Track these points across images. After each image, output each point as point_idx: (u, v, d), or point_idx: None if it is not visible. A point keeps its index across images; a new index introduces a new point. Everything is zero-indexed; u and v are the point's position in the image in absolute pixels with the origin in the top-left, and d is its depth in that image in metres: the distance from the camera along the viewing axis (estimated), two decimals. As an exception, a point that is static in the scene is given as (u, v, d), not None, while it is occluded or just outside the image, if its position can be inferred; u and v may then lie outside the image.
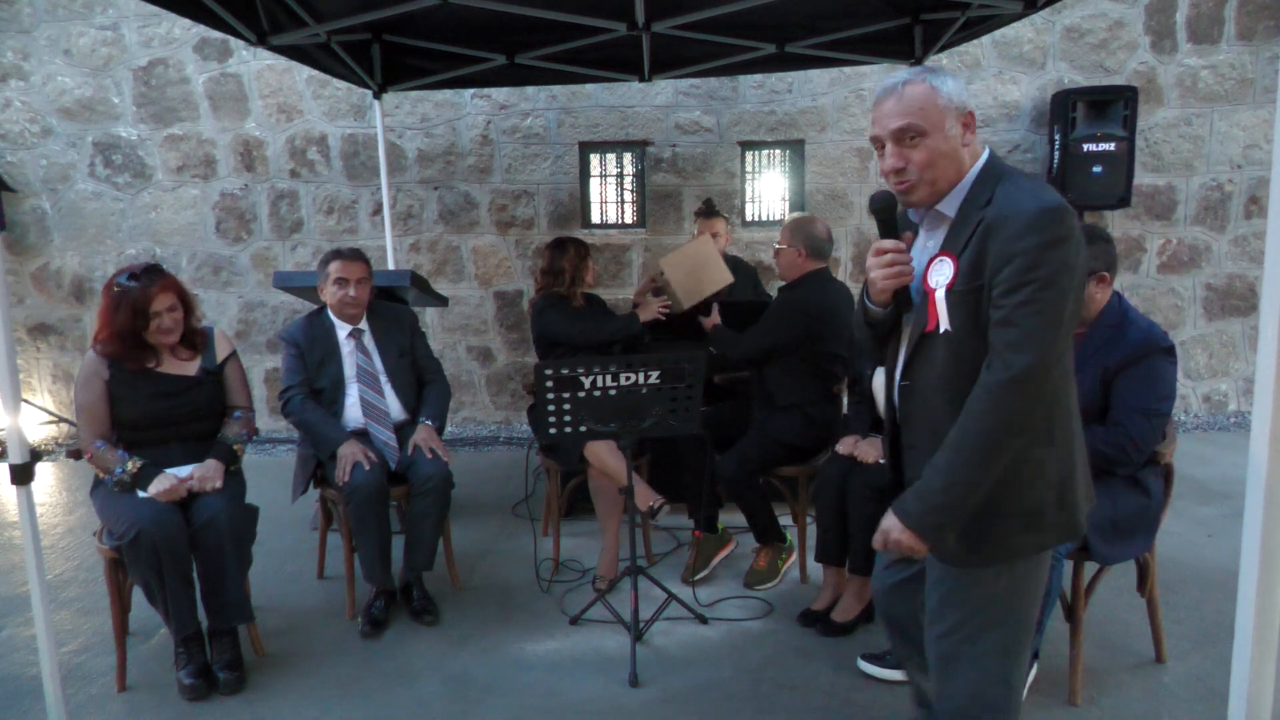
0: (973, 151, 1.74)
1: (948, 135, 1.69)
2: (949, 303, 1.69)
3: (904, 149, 1.71)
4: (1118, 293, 2.70)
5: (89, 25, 5.84)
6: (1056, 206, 1.60)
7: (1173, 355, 2.60)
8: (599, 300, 4.21)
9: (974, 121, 1.73)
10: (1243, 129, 5.81)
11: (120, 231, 6.06)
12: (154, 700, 2.85)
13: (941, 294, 1.69)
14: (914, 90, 1.69)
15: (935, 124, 1.69)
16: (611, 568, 3.59)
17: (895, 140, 1.71)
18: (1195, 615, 3.23)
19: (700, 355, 3.00)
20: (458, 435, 6.10)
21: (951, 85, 1.70)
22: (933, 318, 1.72)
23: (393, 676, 2.98)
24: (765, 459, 3.50)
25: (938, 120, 1.68)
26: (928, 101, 1.68)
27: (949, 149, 1.70)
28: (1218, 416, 6.13)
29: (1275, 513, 1.65)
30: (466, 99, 5.88)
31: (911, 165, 1.71)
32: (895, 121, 1.70)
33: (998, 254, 1.62)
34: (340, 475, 3.20)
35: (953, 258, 1.69)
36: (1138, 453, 2.55)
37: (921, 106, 1.68)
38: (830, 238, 3.50)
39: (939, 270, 1.71)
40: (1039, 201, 1.61)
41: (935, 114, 1.68)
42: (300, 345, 3.46)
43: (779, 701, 2.77)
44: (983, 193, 1.69)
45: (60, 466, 5.76)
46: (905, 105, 1.69)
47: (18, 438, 2.30)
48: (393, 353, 3.56)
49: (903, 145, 1.71)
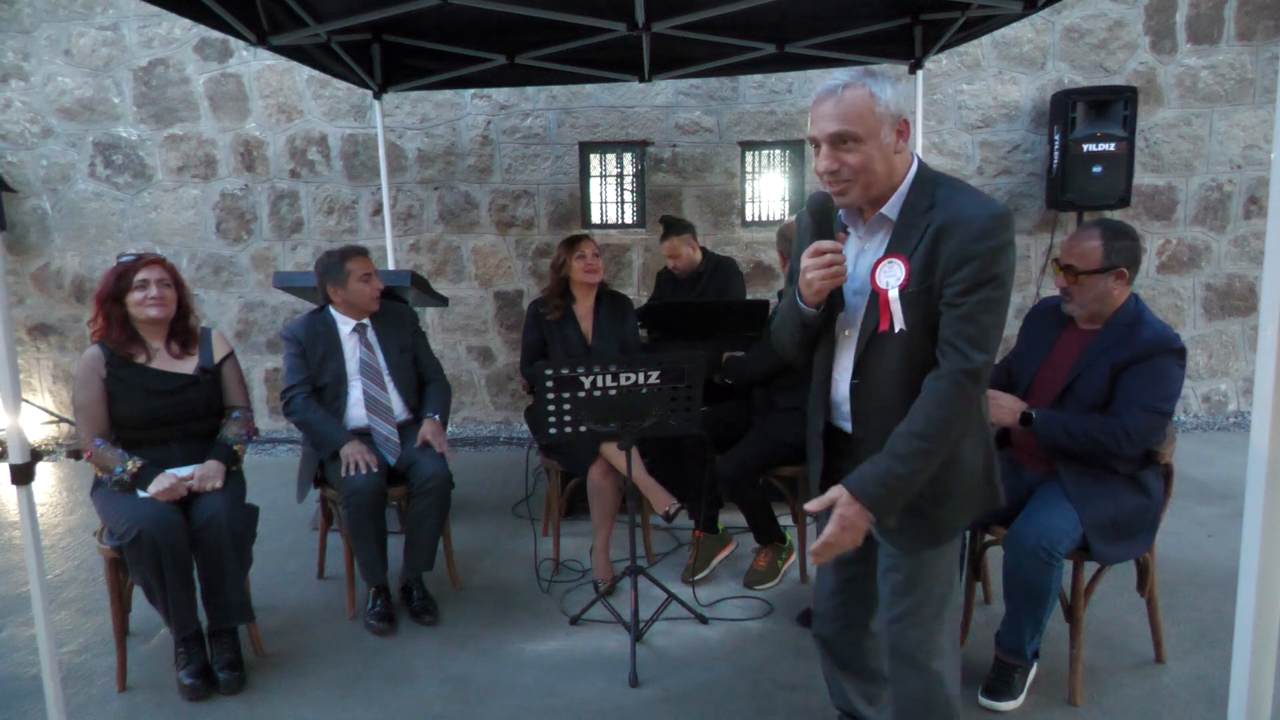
0: (904, 159, 1.81)
1: (881, 143, 1.75)
2: (903, 303, 1.77)
3: (838, 152, 1.76)
4: (1135, 294, 2.69)
5: (89, 25, 5.84)
6: (1004, 213, 1.73)
7: (1183, 358, 2.59)
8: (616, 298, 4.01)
9: (908, 130, 1.79)
10: (1243, 129, 5.81)
11: (120, 231, 6.06)
12: (154, 700, 2.85)
13: (894, 294, 1.77)
14: (852, 95, 1.73)
15: (870, 130, 1.74)
16: (605, 569, 3.60)
17: (830, 144, 1.76)
18: (1195, 615, 3.23)
19: (700, 355, 3.00)
20: (458, 435, 6.10)
21: (890, 93, 1.75)
22: (885, 318, 1.80)
23: (393, 676, 2.98)
24: (765, 459, 3.50)
25: (873, 127, 1.74)
26: (865, 108, 1.73)
27: (881, 156, 1.76)
28: (1218, 416, 6.13)
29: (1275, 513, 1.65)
30: (466, 99, 5.88)
31: (845, 168, 1.76)
32: (831, 125, 1.75)
33: (951, 255, 1.72)
34: (345, 472, 3.21)
35: (903, 259, 1.77)
36: (1130, 444, 2.54)
37: (859, 113, 1.73)
38: None
39: (888, 272, 1.79)
40: (988, 208, 1.72)
41: (871, 121, 1.74)
42: (302, 343, 3.46)
43: (779, 701, 2.77)
44: (922, 198, 1.78)
45: (60, 466, 5.76)
46: (842, 110, 1.73)
47: (18, 438, 2.30)
48: (395, 349, 3.58)
49: (837, 149, 1.76)
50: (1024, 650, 2.66)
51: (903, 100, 1.78)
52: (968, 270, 1.71)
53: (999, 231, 1.71)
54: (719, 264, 4.73)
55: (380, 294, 3.54)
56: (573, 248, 3.83)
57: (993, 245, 1.70)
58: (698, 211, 5.99)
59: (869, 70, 1.78)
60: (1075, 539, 2.56)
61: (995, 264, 1.70)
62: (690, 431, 3.13)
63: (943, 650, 1.97)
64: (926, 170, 1.83)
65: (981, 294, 1.71)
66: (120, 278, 2.93)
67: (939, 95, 5.81)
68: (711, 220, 6.02)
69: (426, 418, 3.49)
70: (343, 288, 3.48)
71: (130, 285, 2.93)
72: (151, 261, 2.97)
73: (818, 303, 1.86)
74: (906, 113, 1.79)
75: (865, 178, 1.77)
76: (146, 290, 2.93)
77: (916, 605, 1.94)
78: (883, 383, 1.85)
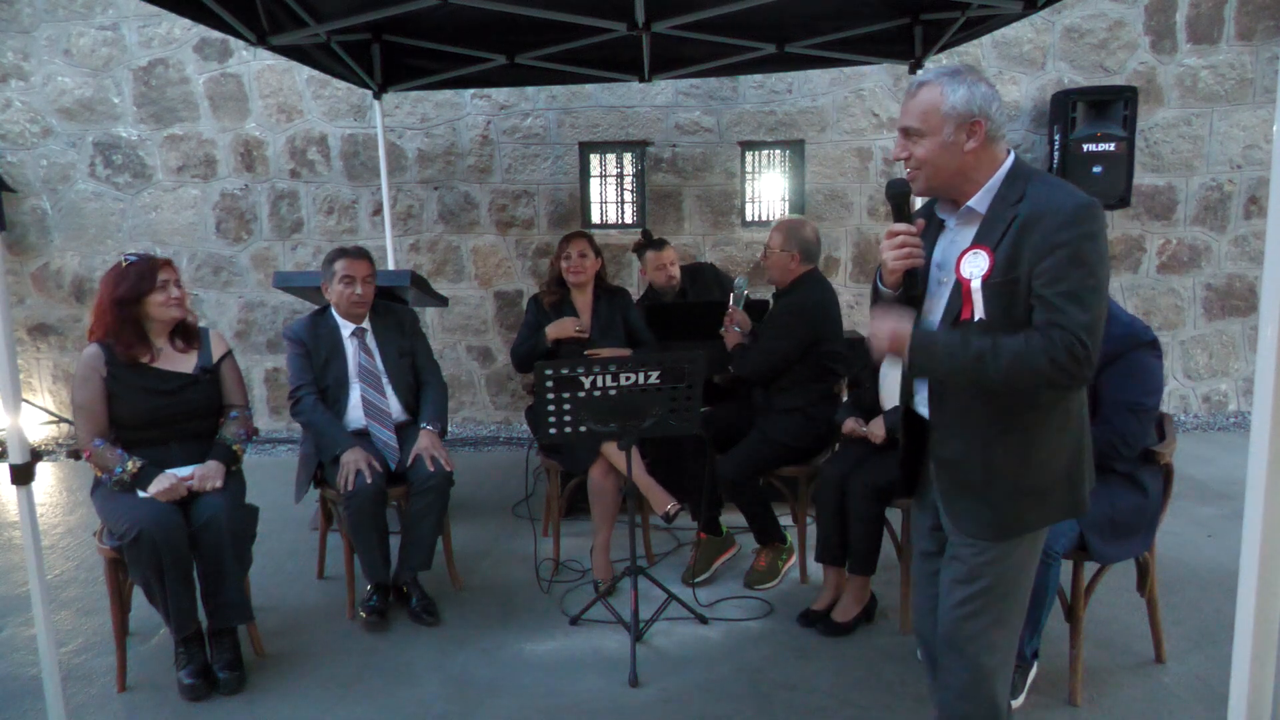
0: (990, 155, 1.84)
1: (944, 140, 1.82)
2: (985, 293, 1.79)
3: (907, 142, 1.87)
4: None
5: (89, 25, 5.84)
6: (1091, 203, 1.73)
7: (1156, 349, 2.60)
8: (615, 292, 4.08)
9: (981, 130, 1.82)
10: (1243, 129, 5.81)
11: (120, 231, 6.06)
12: (154, 700, 2.85)
13: (977, 284, 1.79)
14: (924, 93, 1.84)
15: (933, 128, 1.83)
16: (605, 569, 3.60)
17: (903, 134, 1.88)
18: (1195, 615, 3.23)
19: (700, 355, 3.00)
20: (458, 435, 6.10)
21: (961, 95, 1.81)
22: (967, 306, 1.81)
23: (393, 676, 2.98)
24: (765, 459, 3.50)
25: (936, 125, 1.82)
26: (930, 106, 1.82)
27: (945, 152, 1.83)
28: (1218, 416, 6.13)
29: (1275, 513, 1.65)
30: (466, 99, 5.88)
31: (913, 158, 1.87)
32: (903, 118, 1.88)
33: (1036, 246, 1.73)
34: (342, 483, 3.20)
35: (988, 251, 1.79)
36: (1127, 448, 2.56)
37: (924, 110, 1.83)
38: (819, 240, 3.52)
39: (973, 262, 1.81)
40: (1075, 199, 1.74)
41: (935, 119, 1.82)
42: (306, 344, 3.46)
43: (779, 701, 2.77)
44: (1013, 192, 1.81)
45: (60, 466, 5.76)
46: (913, 105, 1.85)
47: (18, 438, 2.30)
48: (393, 353, 3.56)
49: (907, 139, 1.87)
50: (1024, 650, 2.66)
51: (983, 101, 1.81)
52: (1052, 260, 1.71)
53: (1085, 220, 1.71)
54: (696, 272, 4.73)
55: (361, 301, 3.46)
56: (562, 247, 3.92)
57: (1079, 233, 1.70)
58: (698, 211, 6.00)
59: (957, 70, 1.84)
60: (1073, 538, 2.56)
61: (1082, 251, 1.70)
62: (690, 432, 3.13)
63: (995, 647, 1.94)
64: (1022, 167, 1.86)
65: (1069, 282, 1.70)
66: (142, 279, 2.92)
67: (939, 95, 5.80)
68: (711, 220, 6.02)
69: (423, 429, 3.45)
70: (329, 287, 3.46)
71: (154, 286, 2.93)
72: (165, 263, 2.99)
73: (895, 283, 1.92)
74: (986, 113, 1.82)
75: (928, 169, 1.85)
76: (168, 291, 2.95)
77: (974, 597, 1.92)
78: None
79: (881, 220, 5.98)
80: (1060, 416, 1.85)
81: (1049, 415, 1.84)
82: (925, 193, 1.92)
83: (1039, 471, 1.86)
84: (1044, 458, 1.86)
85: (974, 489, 1.89)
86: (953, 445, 1.90)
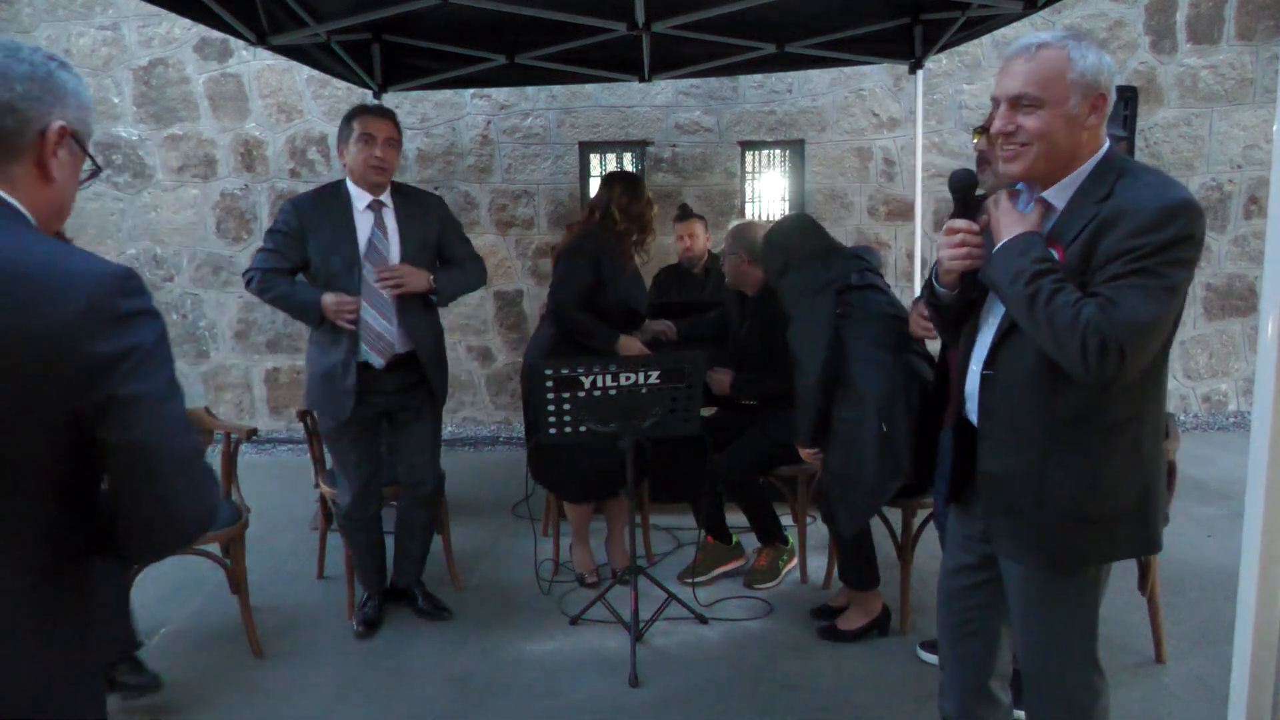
0: (1093, 138, 1.62)
1: (1067, 111, 1.57)
2: None
3: (1016, 113, 1.60)
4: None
5: (89, 25, 5.84)
6: (1179, 203, 1.51)
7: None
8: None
9: (1104, 106, 1.60)
10: (1243, 129, 5.81)
11: (120, 231, 6.05)
12: (154, 700, 2.84)
13: None
14: (1047, 55, 1.58)
15: (1057, 96, 1.57)
16: (586, 562, 3.67)
17: (1010, 104, 1.61)
18: (1195, 615, 3.23)
19: (700, 355, 3.00)
20: (457, 435, 6.10)
21: (1092, 61, 1.57)
22: None
23: (393, 676, 2.98)
24: (765, 459, 3.50)
25: (1060, 93, 1.57)
26: (1056, 71, 1.57)
27: (1065, 126, 1.58)
28: (1218, 416, 6.13)
29: (1275, 513, 1.65)
30: (466, 99, 5.88)
31: (1021, 131, 1.60)
32: (1014, 84, 1.59)
33: (1108, 249, 1.53)
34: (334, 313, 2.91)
35: (1059, 249, 1.60)
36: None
37: (1048, 75, 1.57)
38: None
39: None
40: (1163, 198, 1.52)
41: (1060, 86, 1.57)
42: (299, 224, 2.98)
43: (779, 701, 2.77)
44: (1099, 187, 1.59)
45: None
46: (1031, 69, 1.58)
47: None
48: (414, 240, 3.08)
49: (1016, 110, 1.60)
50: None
51: (1109, 74, 1.59)
52: (1118, 265, 1.51)
53: (1168, 224, 1.48)
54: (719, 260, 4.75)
55: (381, 166, 2.98)
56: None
57: (1157, 240, 1.48)
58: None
59: (1078, 32, 1.63)
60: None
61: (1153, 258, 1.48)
62: (690, 432, 3.13)
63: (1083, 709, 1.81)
64: (1115, 158, 1.63)
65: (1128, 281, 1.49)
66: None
67: (939, 95, 5.80)
68: (712, 220, 5.99)
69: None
70: (346, 150, 3.00)
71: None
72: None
73: (951, 284, 1.72)
74: (1108, 88, 1.59)
75: (1042, 145, 1.58)
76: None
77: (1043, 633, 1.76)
78: (1015, 377, 1.67)
79: (881, 220, 5.98)
80: (1130, 436, 1.64)
81: (1117, 435, 1.63)
82: (1025, 176, 1.64)
83: (1102, 498, 1.64)
84: (1109, 482, 1.64)
85: (1021, 512, 1.69)
86: (1001, 459, 1.70)
